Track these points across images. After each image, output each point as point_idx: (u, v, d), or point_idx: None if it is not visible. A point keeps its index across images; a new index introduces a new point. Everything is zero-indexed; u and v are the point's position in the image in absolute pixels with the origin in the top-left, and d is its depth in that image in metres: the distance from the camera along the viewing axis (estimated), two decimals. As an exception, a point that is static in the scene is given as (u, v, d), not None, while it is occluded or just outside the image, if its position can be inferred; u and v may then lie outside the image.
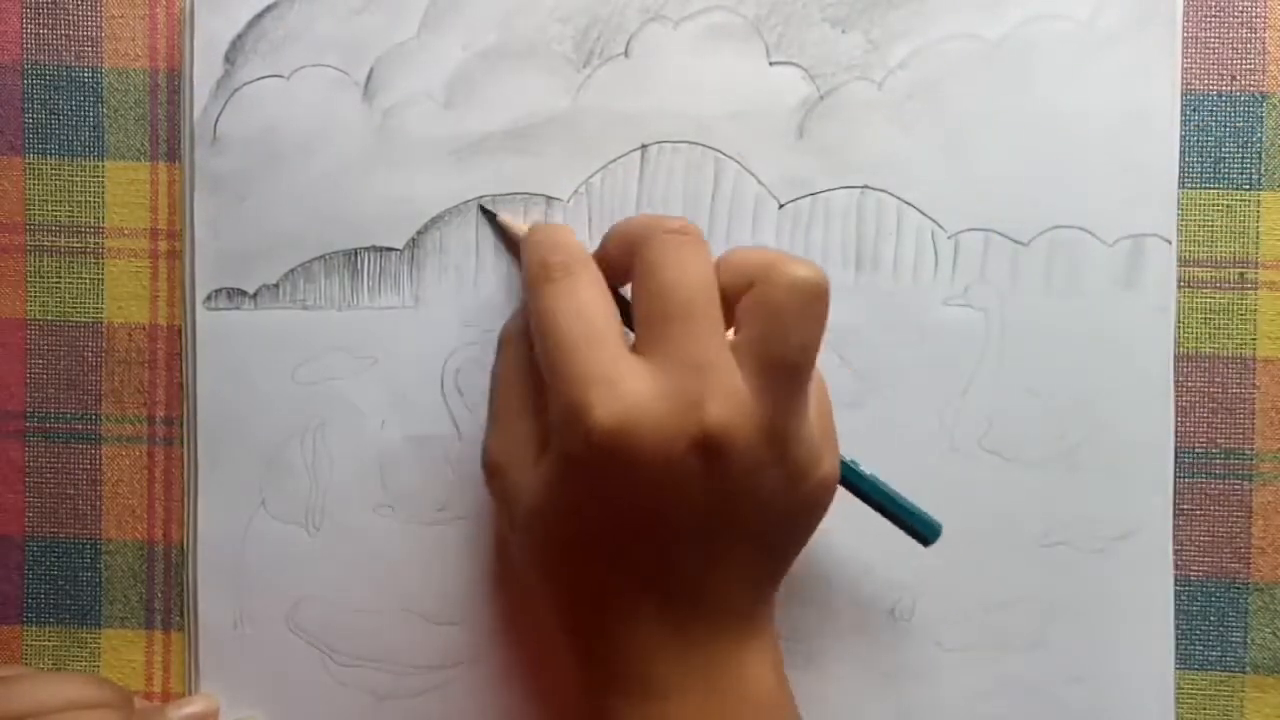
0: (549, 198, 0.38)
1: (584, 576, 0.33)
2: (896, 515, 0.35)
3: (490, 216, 0.38)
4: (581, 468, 0.31)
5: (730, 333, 0.32)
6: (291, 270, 0.38)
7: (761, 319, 0.31)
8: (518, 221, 0.37)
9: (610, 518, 0.32)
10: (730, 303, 0.31)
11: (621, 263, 0.33)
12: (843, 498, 0.34)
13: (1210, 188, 0.38)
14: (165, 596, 0.39)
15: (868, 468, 0.35)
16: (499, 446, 0.34)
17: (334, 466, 0.38)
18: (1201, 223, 0.38)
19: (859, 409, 0.38)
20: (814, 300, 0.31)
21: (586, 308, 0.32)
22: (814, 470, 0.32)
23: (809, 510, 0.33)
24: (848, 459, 0.35)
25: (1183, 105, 0.38)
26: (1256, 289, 0.38)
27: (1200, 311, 0.38)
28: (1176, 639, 0.38)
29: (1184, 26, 0.37)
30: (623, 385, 0.30)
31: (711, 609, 0.32)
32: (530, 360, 0.34)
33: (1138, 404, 0.37)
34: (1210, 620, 0.38)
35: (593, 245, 0.35)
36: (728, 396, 0.30)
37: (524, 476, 0.33)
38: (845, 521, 0.38)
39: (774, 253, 0.31)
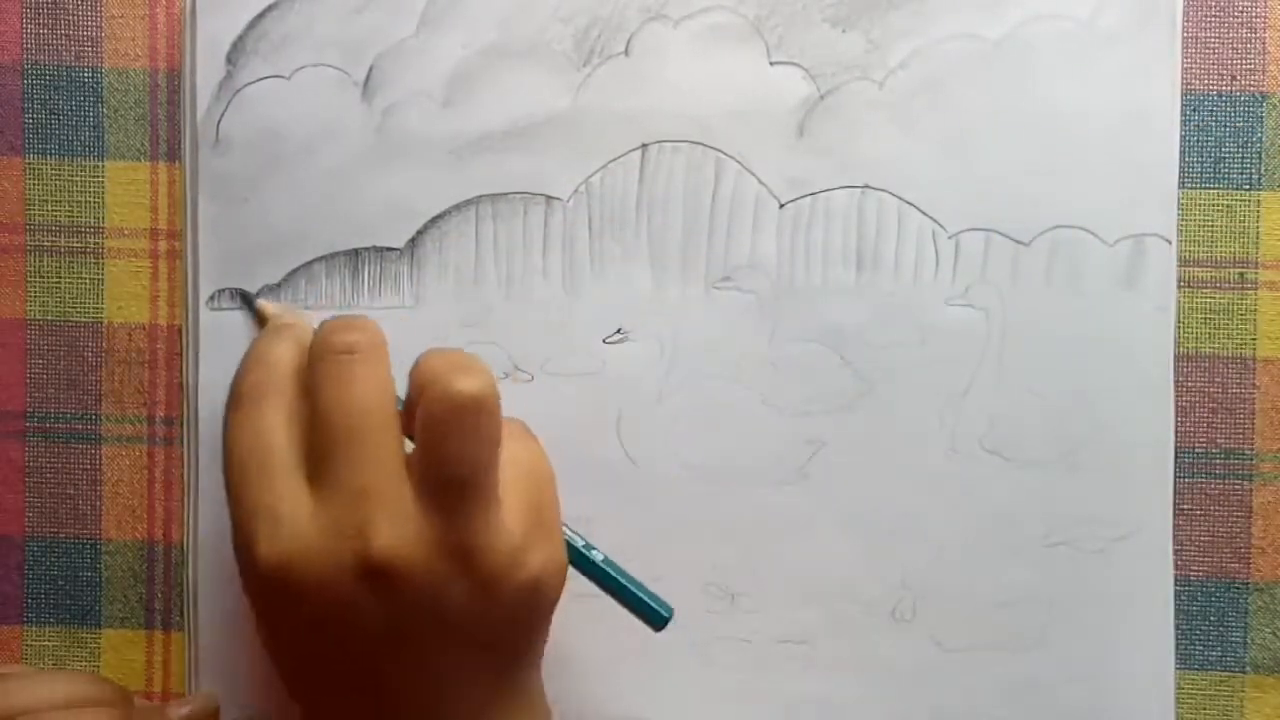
0: (549, 197, 0.38)
1: (312, 693, 0.33)
2: (626, 599, 0.35)
3: (248, 301, 0.38)
4: (258, 598, 0.32)
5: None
6: (293, 270, 0.38)
7: (422, 435, 0.30)
8: (275, 309, 0.37)
9: (301, 643, 0.32)
10: (413, 414, 0.31)
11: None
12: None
13: (1210, 188, 0.38)
14: (165, 596, 0.39)
15: (600, 552, 0.35)
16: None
17: (334, 466, 0.38)
18: (1201, 223, 0.38)
19: (859, 409, 0.38)
20: (473, 414, 0.30)
21: (264, 436, 0.31)
22: (514, 573, 0.31)
23: (524, 608, 0.32)
24: (580, 543, 0.34)
25: (1183, 105, 0.38)
26: (1256, 289, 0.38)
27: (1200, 311, 0.38)
28: (1176, 639, 0.38)
29: (1184, 26, 0.37)
30: (285, 519, 0.30)
31: (446, 714, 0.32)
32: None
33: (1138, 404, 0.37)
34: (1210, 620, 0.38)
35: (592, 244, 0.35)
36: (393, 522, 0.30)
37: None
38: (846, 521, 0.38)
39: (444, 361, 0.30)
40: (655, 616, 0.35)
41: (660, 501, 0.38)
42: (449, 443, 0.30)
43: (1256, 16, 0.38)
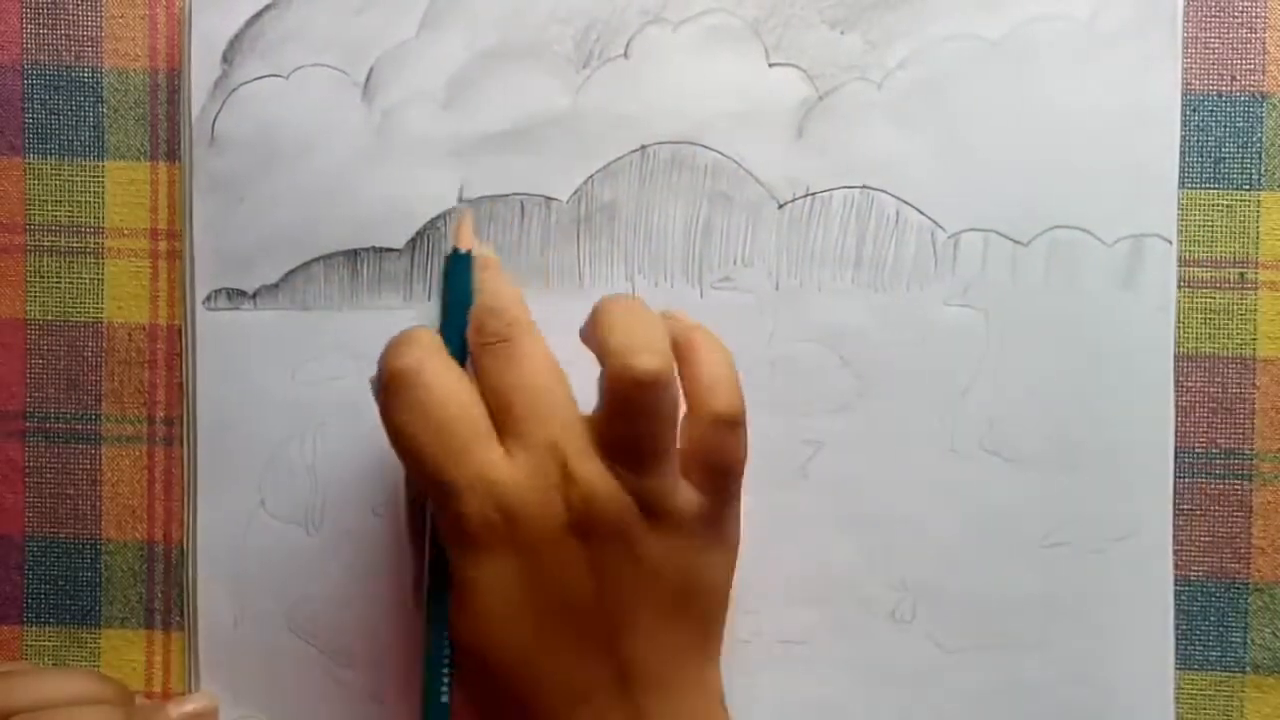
0: (548, 198, 0.38)
1: (521, 663, 0.33)
2: None
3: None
4: (472, 564, 0.32)
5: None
6: (291, 270, 0.38)
7: (607, 403, 0.32)
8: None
9: (512, 604, 0.32)
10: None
11: None
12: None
13: (1210, 188, 0.38)
14: (165, 596, 0.39)
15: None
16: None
17: (334, 466, 0.38)
18: (1201, 223, 0.38)
19: (858, 409, 0.38)
20: (653, 391, 0.31)
21: (449, 408, 0.32)
22: (700, 531, 0.33)
23: (712, 568, 0.34)
24: None
25: (1182, 105, 0.37)
26: (1256, 289, 0.38)
27: (1200, 311, 0.38)
28: (1176, 639, 0.38)
29: (1184, 26, 0.37)
30: (497, 481, 0.32)
31: (651, 672, 0.33)
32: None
33: (1138, 404, 0.37)
34: (1210, 620, 0.38)
35: (591, 245, 0.36)
36: (590, 469, 0.32)
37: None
38: (846, 522, 0.38)
39: (624, 333, 0.32)
40: None
41: (659, 502, 0.38)
42: (632, 420, 0.31)
43: (1256, 16, 0.38)
